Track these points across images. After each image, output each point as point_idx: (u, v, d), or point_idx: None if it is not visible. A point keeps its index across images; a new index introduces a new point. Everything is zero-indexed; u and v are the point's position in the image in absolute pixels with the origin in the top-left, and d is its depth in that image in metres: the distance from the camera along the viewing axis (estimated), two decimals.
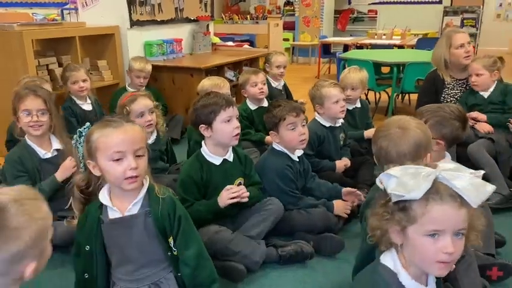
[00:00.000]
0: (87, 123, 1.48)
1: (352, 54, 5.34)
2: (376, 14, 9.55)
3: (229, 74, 4.62)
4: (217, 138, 1.95)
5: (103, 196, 1.42)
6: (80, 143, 1.44)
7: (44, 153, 2.15)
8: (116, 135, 1.35)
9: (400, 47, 6.26)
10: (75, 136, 1.46)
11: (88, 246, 1.43)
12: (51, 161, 2.16)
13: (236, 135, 1.95)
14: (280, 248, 1.95)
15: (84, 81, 3.18)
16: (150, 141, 2.50)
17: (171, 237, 1.44)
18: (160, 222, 1.42)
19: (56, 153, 2.18)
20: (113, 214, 1.42)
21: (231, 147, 2.04)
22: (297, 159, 2.25)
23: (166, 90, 4.11)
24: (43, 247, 0.99)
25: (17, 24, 3.23)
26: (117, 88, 3.94)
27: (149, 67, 3.74)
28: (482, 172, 1.06)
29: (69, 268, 1.93)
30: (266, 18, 6.80)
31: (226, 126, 1.92)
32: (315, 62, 8.20)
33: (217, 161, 1.99)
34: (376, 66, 4.61)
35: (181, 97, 4.04)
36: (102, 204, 1.43)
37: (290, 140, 2.16)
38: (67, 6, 4.48)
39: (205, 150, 1.99)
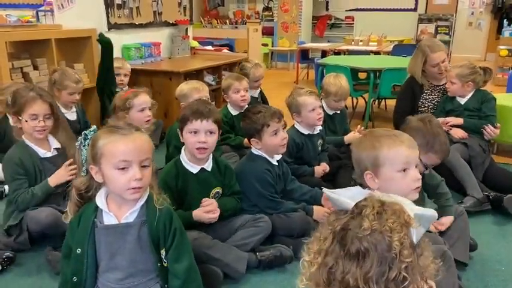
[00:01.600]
0: (94, 126, 1.44)
1: (330, 60, 5.41)
2: (353, 20, 9.69)
3: (209, 78, 4.61)
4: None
5: (100, 199, 1.40)
6: (84, 146, 1.40)
7: (44, 152, 2.12)
8: (124, 143, 1.32)
9: (377, 53, 6.38)
10: (79, 138, 1.42)
11: (80, 250, 1.39)
12: (51, 160, 2.14)
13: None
14: (259, 253, 1.95)
15: (79, 93, 3.15)
16: None
17: (164, 249, 1.42)
18: (155, 234, 1.40)
19: (56, 152, 2.16)
20: (109, 219, 1.39)
21: (212, 156, 2.02)
22: (276, 163, 2.25)
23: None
24: None
25: None
26: (92, 92, 3.89)
27: (128, 66, 3.76)
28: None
29: (45, 275, 1.91)
30: (245, 23, 6.83)
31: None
32: (294, 68, 8.26)
33: (194, 169, 1.97)
34: (353, 72, 4.67)
35: (160, 101, 3.96)
36: (97, 207, 1.40)
37: (273, 145, 2.16)
38: (42, 8, 4.37)
39: (184, 158, 1.98)
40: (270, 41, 8.90)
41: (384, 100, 5.26)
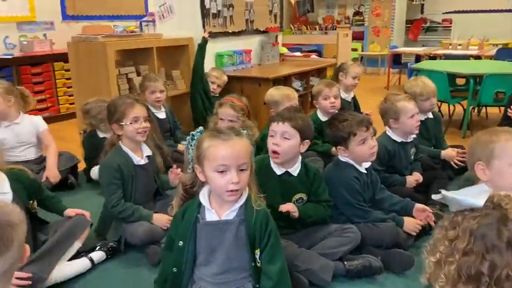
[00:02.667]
0: (201, 128, 1.57)
1: (425, 64, 5.15)
2: (450, 23, 9.13)
3: (297, 84, 4.64)
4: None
5: (203, 197, 1.51)
6: (191, 145, 1.53)
7: (138, 160, 2.26)
8: (224, 148, 1.41)
9: (477, 57, 5.94)
10: (188, 138, 1.55)
11: (181, 242, 1.50)
12: (143, 167, 2.28)
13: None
14: (347, 262, 1.91)
15: (161, 92, 3.36)
16: None
17: (258, 249, 1.48)
18: (252, 233, 1.48)
19: (147, 160, 2.31)
20: (210, 216, 1.49)
21: (301, 161, 2.02)
22: (365, 171, 2.20)
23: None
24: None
25: (101, 36, 3.48)
26: (189, 97, 4.12)
27: (225, 78, 4.02)
28: None
29: (144, 268, 2.05)
30: (335, 29, 6.75)
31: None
32: (384, 73, 7.99)
33: (279, 171, 1.98)
34: (451, 77, 4.41)
35: (249, 106, 4.12)
36: (200, 204, 1.51)
37: (361, 154, 2.12)
38: (145, 19, 4.74)
39: (272, 159, 1.99)
40: (359, 46, 8.72)
41: (484, 108, 4.89)
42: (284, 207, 1.89)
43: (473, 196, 1.04)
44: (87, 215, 2.12)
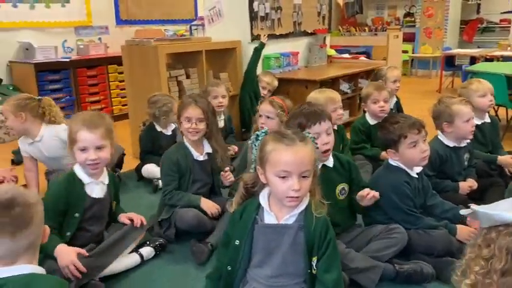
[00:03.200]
0: (266, 128, 1.59)
1: (481, 67, 4.93)
2: (509, 23, 8.68)
3: (345, 86, 4.58)
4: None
5: (263, 198, 1.50)
6: (255, 146, 1.52)
7: (197, 155, 2.38)
8: (287, 154, 1.39)
9: None
10: (252, 137, 1.55)
11: (238, 241, 1.49)
12: (201, 163, 2.40)
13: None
14: (398, 266, 1.86)
15: (223, 97, 3.44)
16: None
17: (316, 257, 1.46)
18: (311, 240, 1.45)
19: (206, 156, 2.41)
20: (269, 219, 1.48)
21: (332, 154, 2.00)
22: (416, 176, 2.13)
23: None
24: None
25: (153, 40, 3.59)
26: (236, 99, 4.17)
27: (275, 83, 3.99)
28: None
29: (191, 265, 2.09)
30: (385, 30, 6.61)
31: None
32: (436, 75, 7.73)
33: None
34: (509, 80, 4.18)
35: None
36: (260, 205, 1.50)
37: (412, 158, 2.05)
38: (195, 23, 4.84)
39: None
40: (410, 48, 8.48)
41: None
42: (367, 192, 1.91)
43: (508, 210, 0.95)
44: (143, 220, 2.16)
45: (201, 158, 2.39)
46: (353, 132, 3.12)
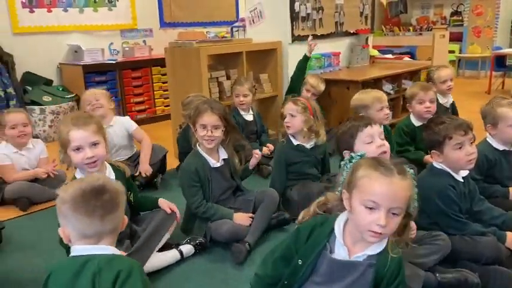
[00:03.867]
0: (362, 152, 1.46)
1: None
2: None
3: (387, 87, 4.47)
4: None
5: (338, 227, 1.37)
6: (347, 167, 1.39)
7: (214, 162, 2.32)
8: (380, 184, 1.25)
9: None
10: (346, 158, 1.43)
11: (301, 261, 1.38)
12: (219, 169, 2.35)
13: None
14: (440, 274, 1.79)
15: (244, 96, 3.46)
16: (308, 146, 2.60)
17: None
18: (380, 278, 1.33)
19: (223, 162, 2.37)
20: (339, 252, 1.35)
21: None
22: (462, 180, 2.04)
23: (321, 103, 4.16)
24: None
25: (195, 42, 3.65)
26: (274, 100, 4.17)
27: (321, 87, 3.79)
28: None
29: (229, 264, 2.11)
30: (431, 30, 6.42)
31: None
32: (485, 76, 7.41)
33: None
34: None
35: (335, 110, 4.06)
36: (333, 231, 1.37)
37: (456, 160, 1.97)
38: (236, 24, 4.89)
39: None
40: (457, 48, 8.17)
41: None
42: None
43: None
44: (175, 209, 2.22)
45: (217, 165, 2.32)
46: (397, 133, 3.04)
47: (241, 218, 2.28)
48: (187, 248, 2.18)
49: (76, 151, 1.88)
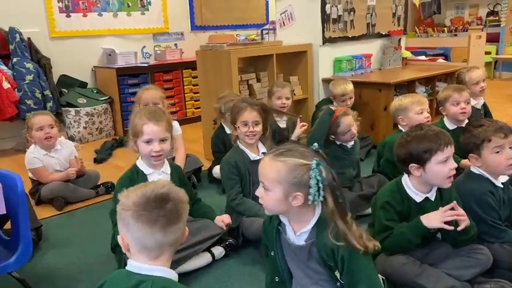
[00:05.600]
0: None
1: None
2: None
3: (421, 89, 4.37)
4: (429, 179, 1.79)
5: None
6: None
7: (254, 156, 2.38)
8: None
9: None
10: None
11: (273, 252, 1.50)
12: (259, 162, 2.36)
13: (450, 176, 1.75)
14: (477, 285, 1.73)
15: (287, 98, 3.43)
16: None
17: (337, 271, 1.40)
18: (328, 263, 1.39)
19: (263, 156, 2.37)
20: (289, 233, 1.46)
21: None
22: (501, 186, 1.97)
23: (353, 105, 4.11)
24: None
25: (226, 45, 3.67)
26: (304, 103, 4.14)
27: (350, 87, 3.64)
28: None
29: (259, 267, 2.10)
30: (466, 30, 6.24)
31: (442, 168, 1.73)
32: None
33: (419, 198, 1.83)
34: None
35: (367, 113, 3.99)
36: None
37: (495, 165, 1.90)
38: (266, 27, 4.89)
39: (407, 182, 1.85)
40: (493, 49, 7.92)
41: None
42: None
43: None
44: (228, 223, 2.24)
45: (257, 157, 2.36)
46: None
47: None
48: (218, 250, 2.19)
49: (146, 143, 2.03)
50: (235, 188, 2.33)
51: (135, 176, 2.07)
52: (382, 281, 1.51)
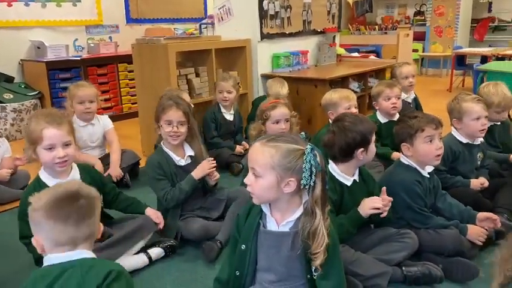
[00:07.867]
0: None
1: (493, 65, 4.88)
2: None
3: (354, 85, 4.56)
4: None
5: (265, 205, 1.45)
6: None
7: (179, 159, 2.28)
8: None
9: None
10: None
11: (244, 246, 1.46)
12: (185, 167, 2.30)
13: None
14: (405, 268, 1.85)
15: (228, 92, 3.42)
16: None
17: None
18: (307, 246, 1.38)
19: (189, 160, 2.32)
20: (270, 226, 1.44)
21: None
22: (427, 175, 2.12)
23: (290, 101, 4.20)
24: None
25: (163, 38, 3.60)
26: (244, 98, 4.17)
27: (284, 91, 3.69)
28: None
29: (200, 265, 2.10)
30: (395, 29, 6.57)
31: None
32: (447, 74, 7.67)
33: (348, 181, 1.93)
34: None
35: (304, 108, 4.10)
36: (262, 210, 1.46)
37: (426, 153, 2.04)
38: (205, 21, 4.85)
39: (335, 170, 1.94)
40: (420, 47, 8.42)
41: None
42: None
43: None
44: (161, 221, 2.17)
45: (183, 162, 2.29)
46: None
47: (202, 166, 2.26)
48: (156, 252, 2.12)
49: (48, 150, 1.85)
50: (166, 189, 2.22)
51: (37, 191, 1.88)
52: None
